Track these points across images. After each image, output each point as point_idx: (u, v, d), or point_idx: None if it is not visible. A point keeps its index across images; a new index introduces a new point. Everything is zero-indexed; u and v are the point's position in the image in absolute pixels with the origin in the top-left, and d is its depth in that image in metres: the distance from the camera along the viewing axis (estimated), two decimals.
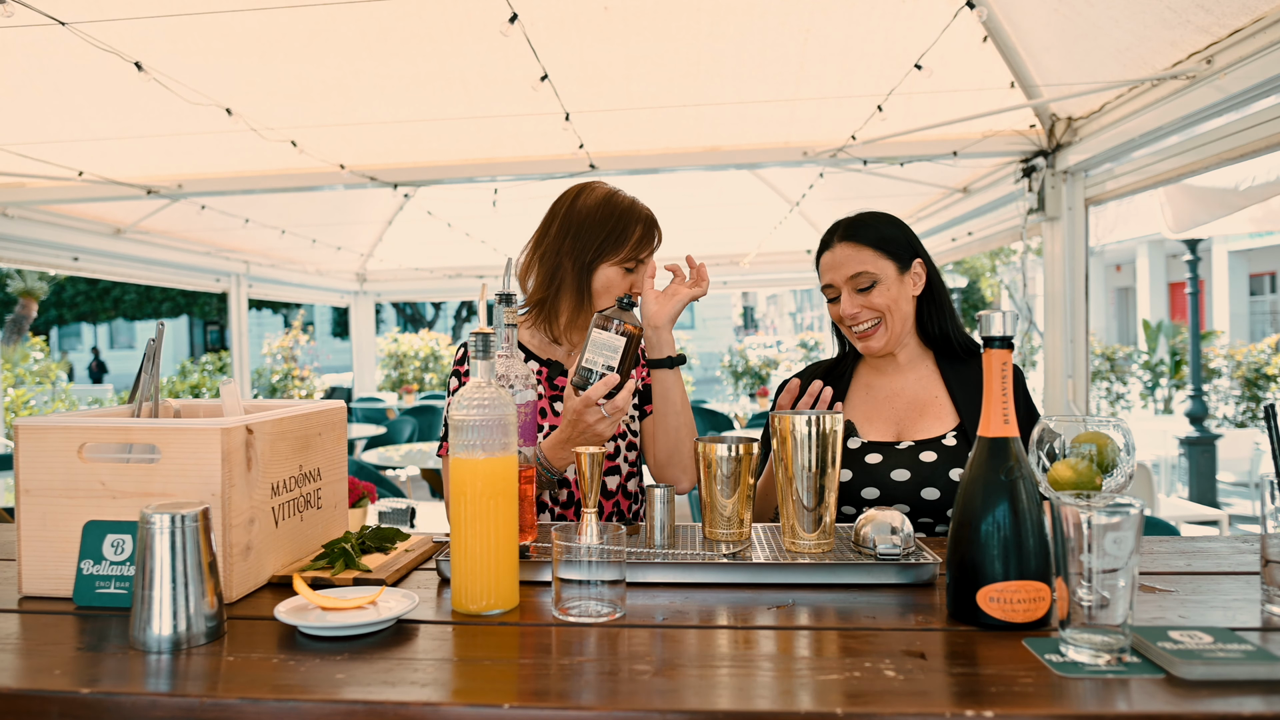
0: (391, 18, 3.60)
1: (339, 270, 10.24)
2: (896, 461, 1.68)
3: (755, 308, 38.51)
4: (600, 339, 1.47)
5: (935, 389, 1.78)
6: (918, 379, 1.80)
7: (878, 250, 1.73)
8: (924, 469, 1.66)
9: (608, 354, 1.46)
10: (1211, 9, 2.84)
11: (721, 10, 3.64)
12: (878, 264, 1.73)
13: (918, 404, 1.77)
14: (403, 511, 2.20)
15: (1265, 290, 18.26)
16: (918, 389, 1.79)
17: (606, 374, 1.46)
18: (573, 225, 1.73)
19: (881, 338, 1.74)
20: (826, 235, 1.80)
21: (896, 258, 1.74)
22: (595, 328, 1.48)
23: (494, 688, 0.91)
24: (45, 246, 6.00)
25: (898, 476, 1.66)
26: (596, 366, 1.47)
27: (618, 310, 1.50)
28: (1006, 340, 1.09)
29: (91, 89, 4.08)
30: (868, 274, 1.72)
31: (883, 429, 1.77)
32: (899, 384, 1.81)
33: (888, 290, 1.73)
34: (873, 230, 1.75)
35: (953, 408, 1.74)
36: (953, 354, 1.80)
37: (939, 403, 1.76)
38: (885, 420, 1.77)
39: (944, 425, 1.72)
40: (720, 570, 1.27)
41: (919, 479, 1.65)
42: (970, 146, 4.65)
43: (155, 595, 1.03)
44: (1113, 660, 0.92)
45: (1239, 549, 1.43)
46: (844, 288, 1.74)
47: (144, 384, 1.39)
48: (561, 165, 5.25)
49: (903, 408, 1.78)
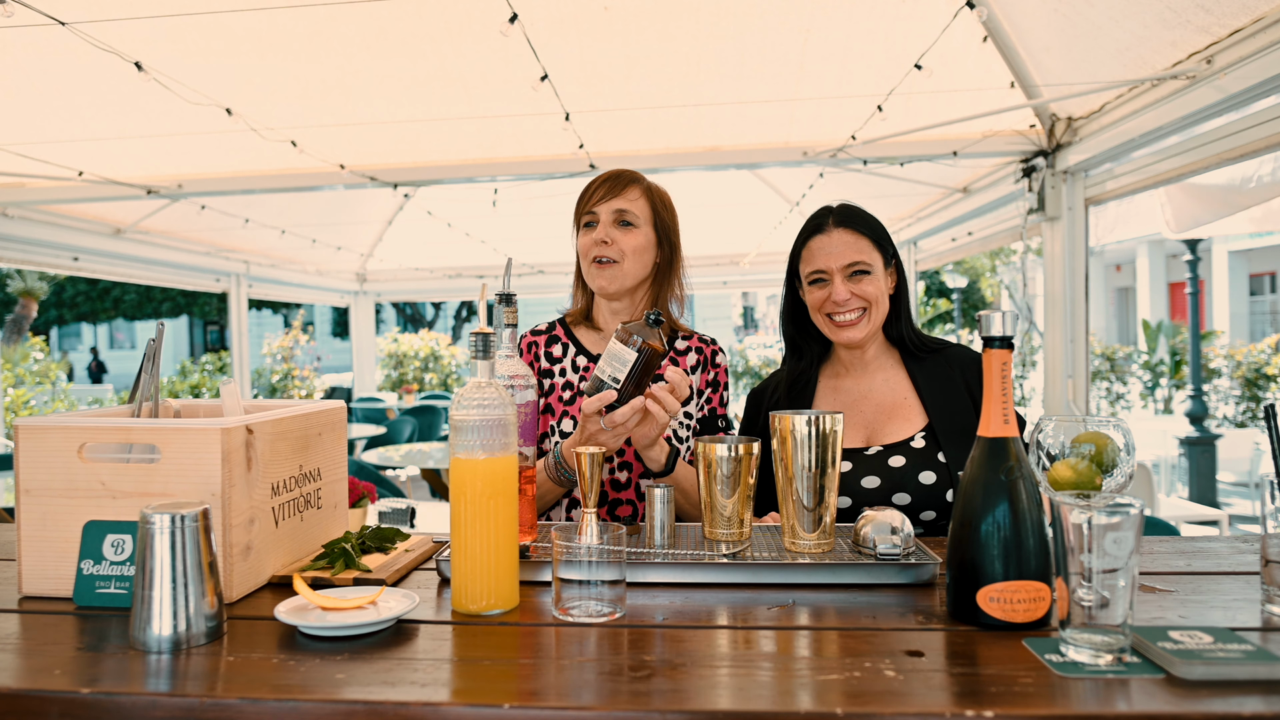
0: (391, 18, 3.60)
1: (339, 270, 10.24)
2: (866, 468, 1.67)
3: (755, 308, 38.49)
4: (615, 350, 1.47)
5: (904, 389, 1.77)
6: (885, 380, 1.79)
7: (872, 240, 1.74)
8: (893, 474, 1.65)
9: (617, 366, 1.46)
10: (1211, 9, 2.84)
11: (721, 10, 3.64)
12: (872, 254, 1.73)
13: (886, 406, 1.76)
14: (403, 511, 2.20)
15: (1265, 290, 18.26)
16: (885, 390, 1.78)
17: (613, 385, 1.45)
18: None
19: (863, 329, 1.73)
20: (816, 220, 1.77)
21: (884, 251, 1.76)
22: (615, 338, 1.47)
23: (494, 688, 0.91)
24: (45, 246, 6.00)
25: (868, 484, 1.66)
26: (605, 376, 1.47)
27: (641, 325, 1.48)
28: (1007, 340, 1.09)
29: (91, 89, 4.08)
30: (865, 262, 1.71)
31: (852, 434, 1.75)
32: (866, 385, 1.79)
33: (878, 281, 1.73)
34: (866, 222, 1.76)
35: (921, 408, 1.73)
36: (915, 353, 1.80)
37: (908, 404, 1.75)
38: (855, 425, 1.76)
39: (913, 426, 1.71)
40: (720, 570, 1.27)
41: (889, 484, 1.65)
42: (970, 146, 4.64)
43: (155, 595, 1.03)
44: (1113, 660, 0.92)
45: (1239, 549, 1.43)
46: (837, 274, 1.72)
47: (144, 384, 1.39)
48: (561, 165, 5.25)
49: (871, 411, 1.76)
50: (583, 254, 1.78)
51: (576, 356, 1.84)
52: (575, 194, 1.83)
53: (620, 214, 1.75)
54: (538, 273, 10.16)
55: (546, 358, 1.84)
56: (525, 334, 1.88)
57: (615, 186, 1.76)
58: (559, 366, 1.83)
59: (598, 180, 1.79)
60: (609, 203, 1.76)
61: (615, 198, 1.76)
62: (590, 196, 1.78)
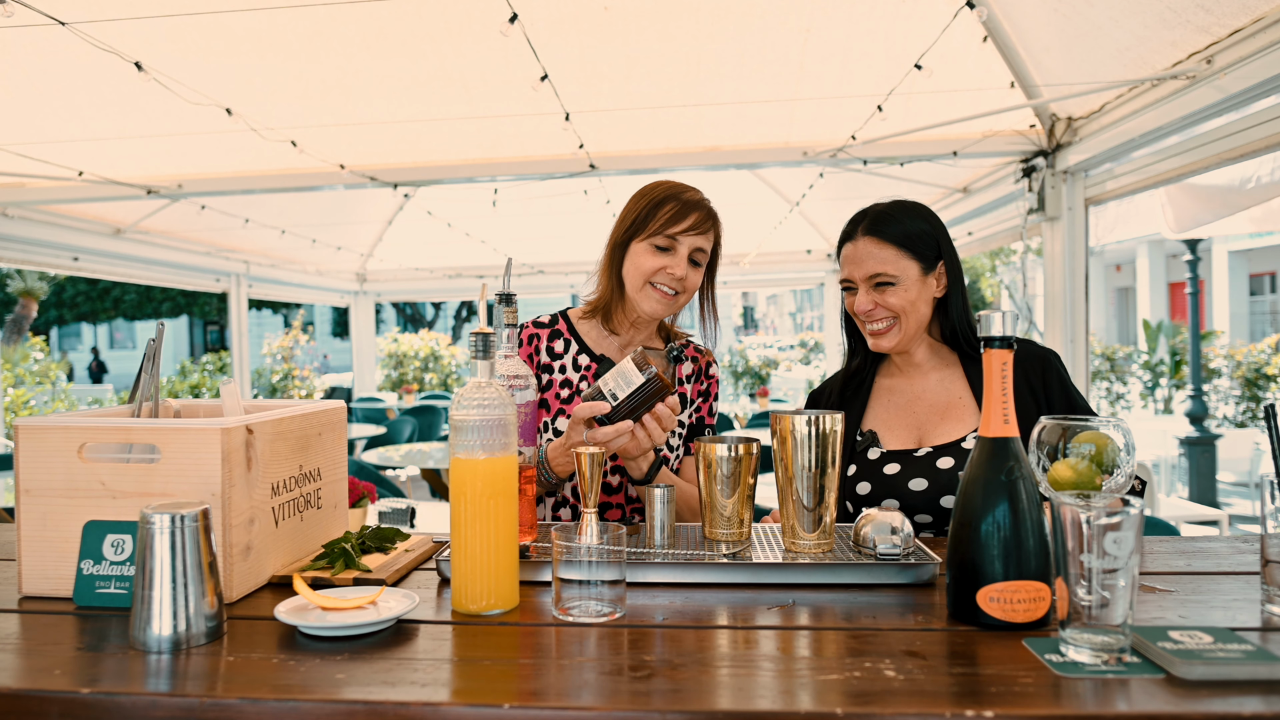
0: (391, 18, 3.60)
1: (339, 270, 10.24)
2: (914, 470, 1.64)
3: (755, 308, 38.53)
4: (626, 369, 1.47)
5: (959, 390, 1.73)
6: (940, 380, 1.75)
7: (901, 249, 1.66)
8: (941, 476, 1.62)
9: (620, 383, 1.46)
10: (1211, 9, 2.84)
11: (721, 10, 3.64)
12: (900, 264, 1.66)
13: (939, 407, 1.72)
14: (403, 511, 2.20)
15: (1265, 290, 18.26)
16: (939, 391, 1.74)
17: (609, 400, 1.46)
18: (624, 209, 1.79)
19: (893, 338, 1.69)
20: (851, 224, 1.73)
21: (921, 257, 1.67)
22: (630, 358, 1.48)
23: (494, 688, 0.91)
24: (45, 246, 6.00)
25: (916, 486, 1.63)
26: (606, 390, 1.47)
27: (660, 353, 1.49)
28: (1007, 340, 1.09)
29: (91, 89, 4.08)
30: (887, 274, 1.65)
31: (904, 436, 1.72)
32: (920, 386, 1.76)
33: (906, 292, 1.66)
34: (899, 226, 1.67)
35: (976, 408, 1.69)
36: (973, 352, 1.75)
37: (962, 404, 1.71)
38: (906, 426, 1.73)
39: (965, 427, 1.67)
40: (720, 570, 1.27)
41: (937, 487, 1.61)
42: (970, 146, 4.64)
43: (155, 595, 1.03)
44: (1113, 660, 0.92)
45: (1239, 549, 1.43)
46: (862, 284, 1.68)
47: (144, 384, 1.39)
48: (561, 165, 5.26)
49: (924, 411, 1.73)
50: (645, 272, 1.70)
51: (579, 354, 1.82)
52: (575, 194, 1.83)
53: (699, 253, 1.72)
54: (538, 273, 10.17)
55: (548, 352, 1.82)
56: (527, 324, 1.84)
57: (704, 222, 1.70)
58: (559, 363, 1.81)
59: (688, 205, 1.70)
60: (693, 238, 1.70)
61: (701, 235, 1.70)
62: (676, 220, 1.68)
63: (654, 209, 1.70)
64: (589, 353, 1.82)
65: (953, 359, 1.77)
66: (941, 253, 1.70)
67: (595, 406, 1.46)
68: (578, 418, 1.48)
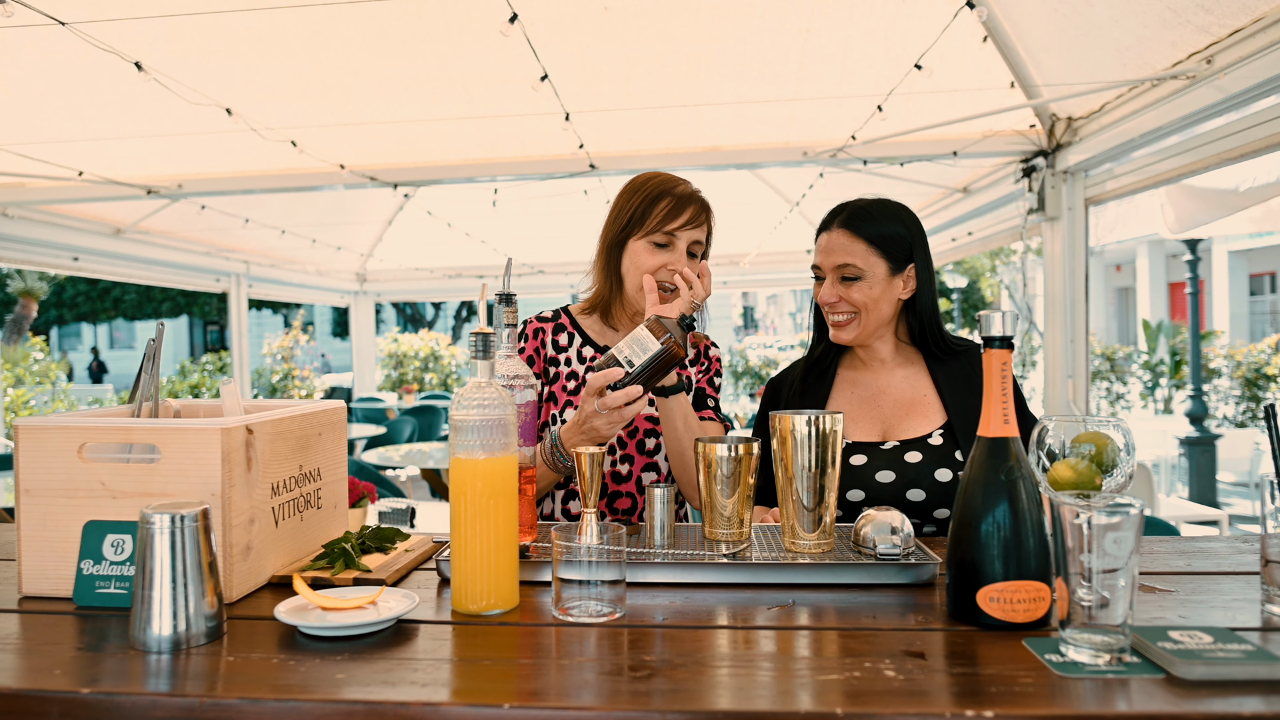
0: (391, 18, 3.60)
1: (339, 270, 10.24)
2: (881, 463, 1.66)
3: (755, 308, 38.51)
4: (640, 335, 1.47)
5: (924, 388, 1.76)
6: (905, 377, 1.78)
7: (872, 246, 1.69)
8: (909, 470, 1.64)
9: (636, 350, 1.47)
10: (1211, 9, 2.84)
11: (721, 10, 3.64)
12: (868, 260, 1.69)
13: (904, 403, 1.75)
14: (403, 511, 2.19)
15: (1265, 290, 18.26)
16: (905, 387, 1.77)
17: (624, 366, 1.46)
18: (616, 205, 1.78)
19: (852, 331, 1.73)
20: (831, 214, 1.76)
21: (891, 258, 1.70)
22: (645, 325, 1.48)
23: (494, 688, 0.91)
24: (45, 246, 6.00)
25: (882, 478, 1.65)
26: (621, 357, 1.47)
27: (674, 323, 1.49)
28: (1006, 340, 1.09)
29: (91, 89, 4.08)
30: (854, 268, 1.69)
31: (868, 429, 1.74)
32: (885, 381, 1.79)
33: (870, 289, 1.70)
34: (874, 225, 1.70)
35: (941, 406, 1.72)
36: (937, 354, 1.78)
37: (926, 401, 1.74)
38: (871, 420, 1.75)
39: (931, 424, 1.70)
40: (720, 570, 1.27)
41: (904, 480, 1.64)
42: (970, 146, 4.64)
43: (155, 595, 1.03)
44: (1113, 660, 0.92)
45: (1239, 549, 1.43)
46: (829, 274, 1.73)
47: (144, 384, 1.39)
48: (561, 165, 5.25)
49: (889, 406, 1.76)
50: (646, 271, 1.70)
51: (583, 347, 1.84)
52: (575, 194, 1.83)
53: (695, 245, 1.72)
54: (538, 273, 10.17)
55: (553, 345, 1.83)
56: (530, 319, 1.86)
57: (699, 214, 1.71)
58: (564, 355, 1.83)
59: (683, 200, 1.70)
60: (690, 231, 1.70)
61: (697, 228, 1.71)
62: (671, 216, 1.69)
63: (649, 205, 1.71)
64: (593, 344, 1.84)
65: (917, 358, 1.80)
66: (914, 256, 1.73)
67: (609, 374, 1.46)
68: (593, 387, 1.47)
